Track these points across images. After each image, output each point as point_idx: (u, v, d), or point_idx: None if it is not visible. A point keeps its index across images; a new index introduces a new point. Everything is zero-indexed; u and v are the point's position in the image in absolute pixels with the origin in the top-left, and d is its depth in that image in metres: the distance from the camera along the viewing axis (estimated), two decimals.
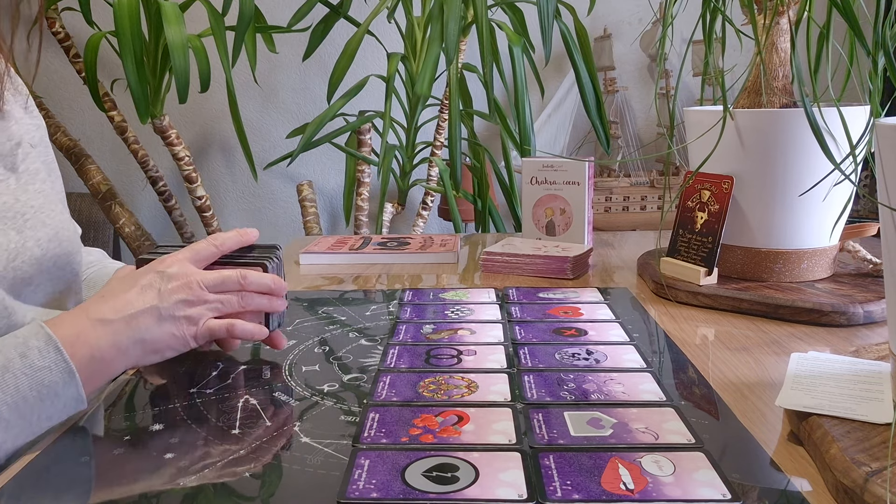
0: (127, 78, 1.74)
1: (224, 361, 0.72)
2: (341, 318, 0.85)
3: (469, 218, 2.28)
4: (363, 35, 1.95)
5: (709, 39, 0.81)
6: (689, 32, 0.90)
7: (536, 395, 0.61)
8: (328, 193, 2.62)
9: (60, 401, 0.57)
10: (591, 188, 1.12)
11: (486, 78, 1.81)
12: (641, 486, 0.47)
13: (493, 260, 1.06)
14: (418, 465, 0.50)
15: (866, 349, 0.66)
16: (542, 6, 1.68)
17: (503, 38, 1.97)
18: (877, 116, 0.60)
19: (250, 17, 1.79)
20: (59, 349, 0.57)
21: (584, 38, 1.96)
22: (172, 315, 0.63)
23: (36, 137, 0.74)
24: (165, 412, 0.61)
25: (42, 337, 0.57)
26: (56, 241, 0.69)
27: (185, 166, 2.04)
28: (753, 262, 0.89)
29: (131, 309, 0.62)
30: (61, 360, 0.57)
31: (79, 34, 2.11)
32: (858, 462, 0.45)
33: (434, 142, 2.06)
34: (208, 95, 2.15)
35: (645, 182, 2.44)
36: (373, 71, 2.23)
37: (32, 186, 0.69)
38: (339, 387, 0.65)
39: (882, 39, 0.54)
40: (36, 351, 0.56)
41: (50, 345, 0.57)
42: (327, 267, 1.12)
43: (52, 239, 0.68)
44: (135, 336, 0.61)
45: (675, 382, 0.65)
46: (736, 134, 0.86)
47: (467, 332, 0.78)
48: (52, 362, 0.56)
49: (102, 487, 0.50)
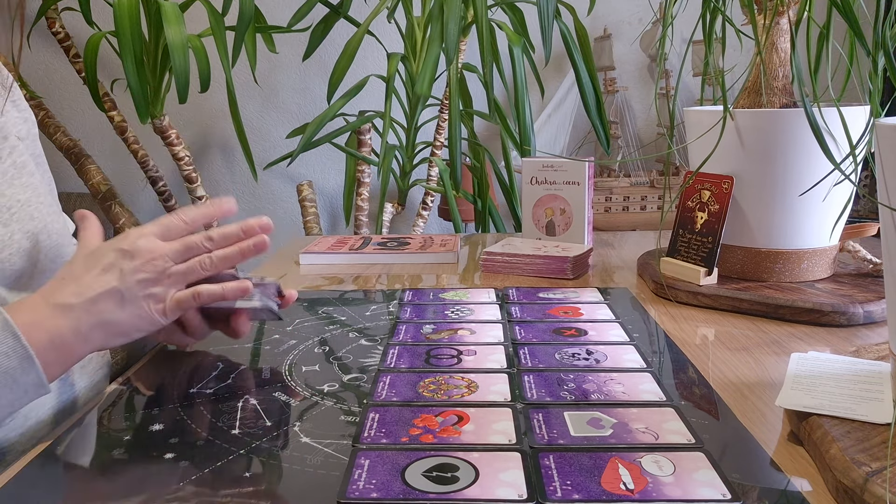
0: (127, 78, 1.74)
1: (224, 361, 0.72)
2: (341, 318, 0.85)
3: (469, 218, 2.28)
4: (363, 35, 1.95)
5: (709, 39, 0.81)
6: (689, 32, 0.90)
7: (536, 395, 0.61)
8: (328, 193, 2.62)
9: (20, 387, 0.55)
10: (591, 188, 1.12)
11: (486, 78, 1.81)
12: (641, 486, 0.47)
13: (493, 260, 1.06)
14: (418, 465, 0.50)
15: (866, 349, 0.66)
16: (542, 6, 1.68)
17: (503, 38, 1.97)
18: (877, 116, 0.60)
19: (250, 17, 1.79)
20: (17, 335, 0.55)
21: (584, 38, 1.96)
22: (135, 296, 0.60)
23: (23, 130, 0.74)
24: (165, 412, 0.61)
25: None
26: (45, 233, 0.69)
27: (185, 166, 2.04)
28: (753, 262, 0.89)
29: (91, 292, 0.59)
30: (19, 345, 0.55)
31: (79, 34, 2.11)
32: (858, 462, 0.45)
33: (434, 142, 2.06)
34: (208, 95, 2.15)
35: (645, 182, 2.44)
36: (373, 71, 2.24)
37: (19, 181, 0.68)
38: (339, 387, 0.65)
39: (882, 39, 0.54)
40: None
41: (7, 330, 0.55)
42: (327, 267, 1.12)
43: (41, 231, 0.68)
44: (96, 321, 0.59)
45: (675, 382, 0.65)
46: (736, 134, 0.86)
47: (467, 332, 0.78)
48: (9, 348, 0.54)
49: (102, 488, 0.50)
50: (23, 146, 0.72)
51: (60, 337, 0.58)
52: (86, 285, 0.60)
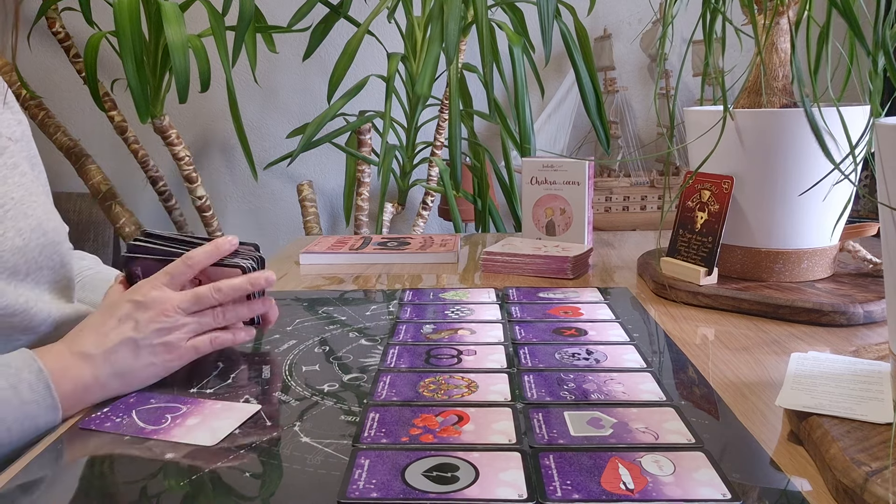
0: (127, 78, 1.73)
1: (224, 361, 0.72)
2: (341, 318, 0.85)
3: (469, 218, 2.28)
4: (363, 35, 1.95)
5: (709, 39, 0.81)
6: (689, 32, 0.90)
7: (536, 394, 0.61)
8: (328, 193, 2.62)
9: (37, 428, 0.59)
10: (591, 188, 1.12)
11: (486, 78, 1.81)
12: (641, 485, 0.47)
13: (493, 260, 1.06)
14: (418, 464, 0.50)
15: (866, 349, 0.66)
16: (542, 6, 1.68)
17: (503, 38, 1.97)
18: (877, 116, 0.60)
19: (250, 17, 1.79)
20: (49, 386, 0.59)
21: (584, 38, 1.96)
22: (150, 344, 0.64)
23: (17, 132, 0.75)
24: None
25: (34, 370, 0.59)
26: (40, 230, 0.70)
27: (185, 166, 2.04)
28: (753, 262, 0.89)
29: (109, 343, 0.63)
30: (49, 395, 0.59)
31: (79, 34, 2.11)
32: (858, 462, 0.45)
33: (434, 142, 2.06)
34: (208, 95, 2.15)
35: (645, 182, 2.44)
36: (373, 71, 2.23)
37: (12, 179, 0.69)
38: (339, 387, 0.65)
39: (882, 39, 0.54)
40: (26, 384, 0.59)
41: (41, 380, 0.59)
42: (327, 267, 1.12)
43: (34, 229, 0.69)
44: (113, 370, 0.63)
45: (675, 382, 0.65)
46: (736, 134, 0.86)
47: (467, 332, 0.78)
48: (40, 397, 0.59)
49: (102, 487, 0.50)
50: (16, 147, 0.73)
51: (83, 385, 0.62)
52: (104, 335, 0.64)
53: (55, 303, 0.72)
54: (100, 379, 0.62)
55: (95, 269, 0.89)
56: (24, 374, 0.59)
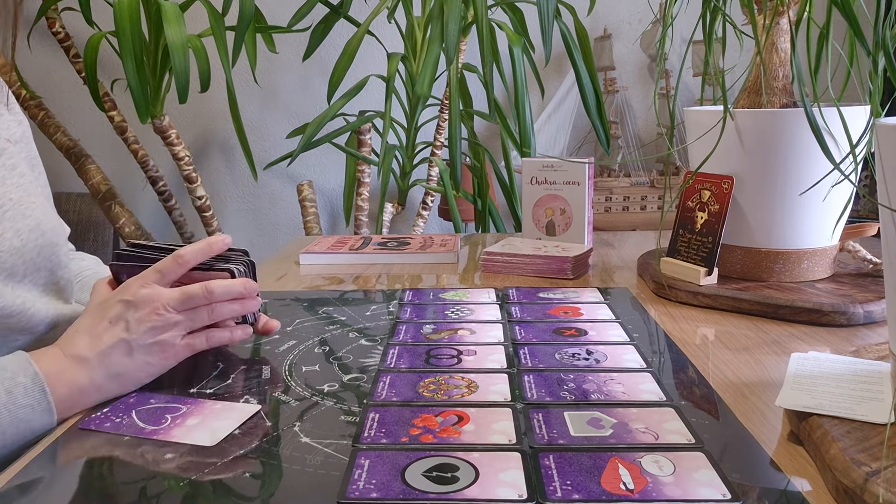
0: (127, 78, 1.74)
1: (224, 361, 0.72)
2: (341, 318, 0.85)
3: (469, 218, 2.28)
4: (363, 35, 1.95)
5: (709, 39, 0.81)
6: (689, 32, 0.90)
7: (536, 395, 0.61)
8: (328, 193, 2.62)
9: (32, 431, 0.59)
10: (591, 188, 1.12)
11: (486, 78, 1.81)
12: (641, 486, 0.47)
13: (493, 260, 1.06)
14: (418, 465, 0.50)
15: (866, 349, 0.66)
16: (542, 6, 1.68)
17: (503, 38, 1.97)
18: (877, 116, 0.60)
19: (250, 17, 1.79)
20: (45, 390, 0.59)
21: (584, 38, 1.96)
22: (143, 344, 0.63)
23: (17, 133, 0.75)
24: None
25: (29, 374, 0.59)
26: (38, 231, 0.69)
27: (185, 166, 2.04)
28: (753, 262, 0.89)
29: (102, 345, 0.63)
30: (44, 399, 0.59)
31: (79, 34, 2.11)
32: (858, 462, 0.45)
33: (434, 142, 2.06)
34: (208, 95, 2.15)
35: (645, 182, 2.44)
36: (373, 71, 2.23)
37: (10, 180, 0.69)
38: (339, 387, 0.65)
39: (882, 39, 0.54)
40: (21, 388, 0.58)
41: (36, 384, 0.59)
42: (327, 267, 1.12)
43: (33, 230, 0.69)
44: (108, 372, 0.62)
45: (675, 382, 0.65)
46: (736, 134, 0.86)
47: (467, 332, 0.78)
48: (35, 401, 0.59)
49: (102, 487, 0.50)
50: (16, 149, 0.73)
51: (79, 388, 0.61)
52: (96, 337, 0.63)
53: (53, 304, 0.72)
54: (95, 381, 0.62)
55: (95, 270, 0.89)
56: (19, 378, 0.59)
